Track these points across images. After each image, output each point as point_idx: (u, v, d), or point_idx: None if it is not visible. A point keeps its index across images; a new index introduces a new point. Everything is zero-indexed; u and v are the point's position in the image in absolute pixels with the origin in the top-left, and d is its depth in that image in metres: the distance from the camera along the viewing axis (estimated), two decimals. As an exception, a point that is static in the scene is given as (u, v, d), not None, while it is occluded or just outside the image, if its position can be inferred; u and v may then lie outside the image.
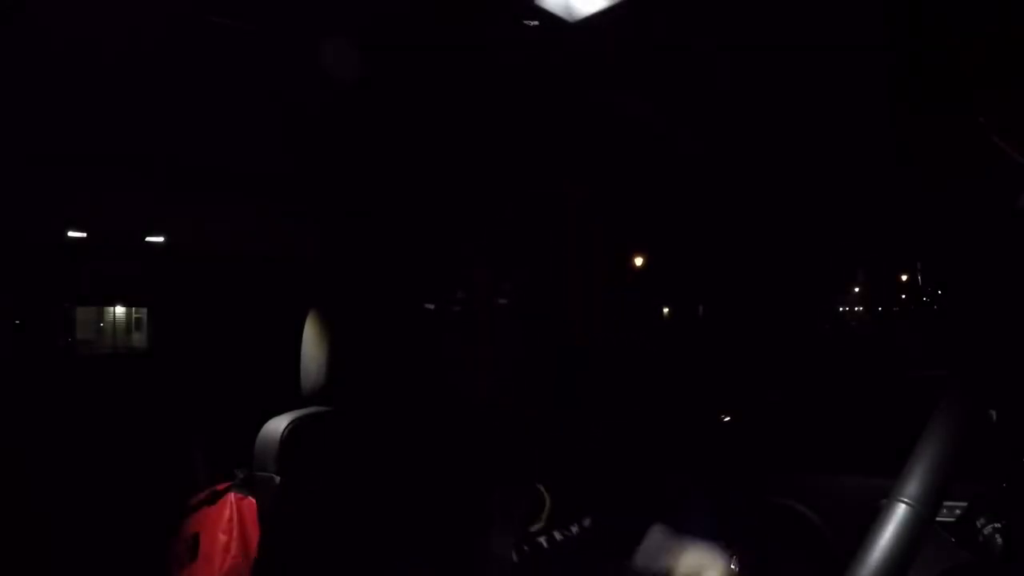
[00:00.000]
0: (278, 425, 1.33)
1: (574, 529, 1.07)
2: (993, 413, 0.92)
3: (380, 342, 1.48)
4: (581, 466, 1.15)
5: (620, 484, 1.19)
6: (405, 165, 1.60)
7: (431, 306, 1.49)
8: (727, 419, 2.23)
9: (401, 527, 1.08)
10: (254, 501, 1.57)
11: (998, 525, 0.88)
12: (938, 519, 0.65)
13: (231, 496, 1.68)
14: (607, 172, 1.68)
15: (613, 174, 1.70)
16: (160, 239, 1.95)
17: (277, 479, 1.28)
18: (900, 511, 0.60)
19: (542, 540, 1.04)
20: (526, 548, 1.01)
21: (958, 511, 0.95)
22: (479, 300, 1.19)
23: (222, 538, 1.63)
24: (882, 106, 1.29)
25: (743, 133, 1.44)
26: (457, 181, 1.71)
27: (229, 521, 1.64)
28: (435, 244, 1.92)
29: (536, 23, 0.95)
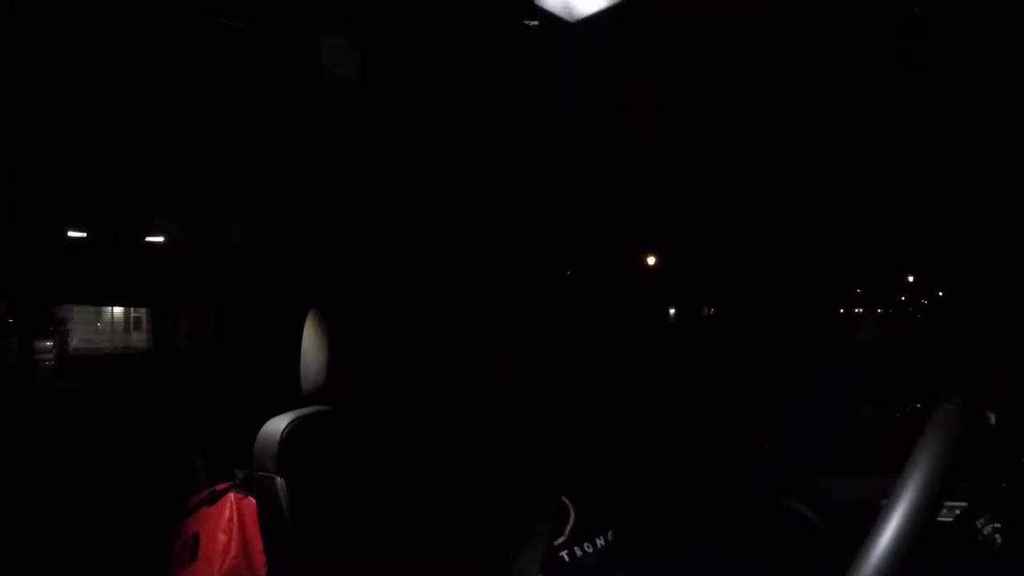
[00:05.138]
0: (278, 425, 1.33)
1: (599, 543, 1.04)
2: (992, 416, 0.92)
3: (381, 342, 1.48)
4: (605, 476, 1.13)
5: (643, 494, 1.16)
6: (405, 166, 1.60)
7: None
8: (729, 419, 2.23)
9: (408, 533, 1.07)
10: (254, 501, 1.57)
11: (998, 525, 0.88)
12: (938, 519, 0.65)
13: (231, 496, 1.68)
14: (608, 172, 1.68)
15: (614, 174, 1.69)
16: (160, 239, 1.95)
17: (277, 479, 1.28)
18: (948, 414, 0.65)
19: (564, 555, 1.01)
20: (550, 564, 0.98)
21: (958, 511, 0.95)
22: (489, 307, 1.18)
23: (222, 538, 1.63)
24: (884, 106, 1.29)
25: (744, 132, 1.44)
26: (457, 182, 1.71)
27: (229, 521, 1.64)
28: (435, 245, 1.92)
29: (536, 23, 0.95)
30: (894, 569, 0.60)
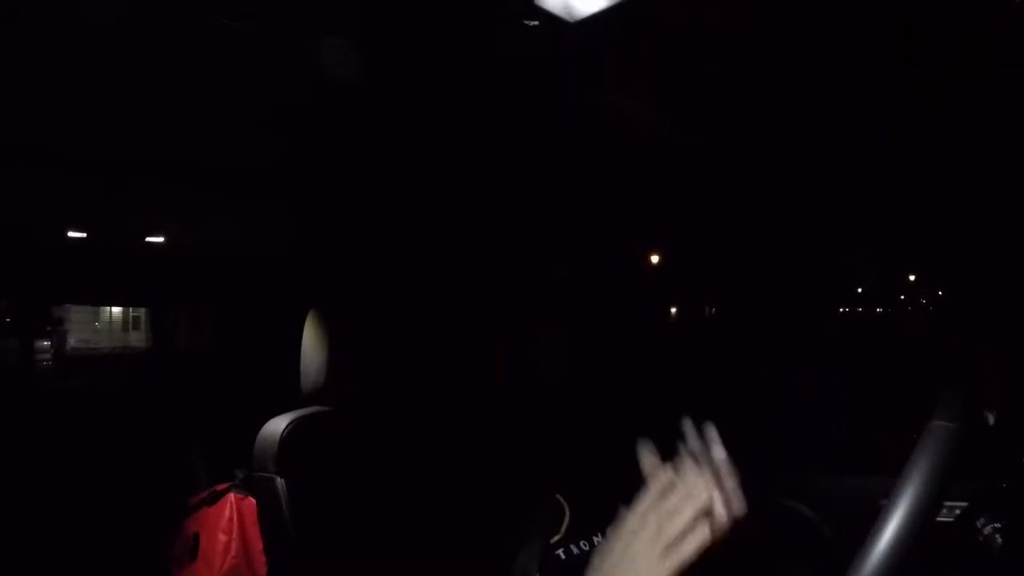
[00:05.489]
0: (278, 425, 1.33)
1: (596, 540, 1.04)
2: (990, 416, 0.92)
3: (381, 342, 1.48)
4: (601, 474, 1.13)
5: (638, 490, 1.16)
6: (405, 166, 1.60)
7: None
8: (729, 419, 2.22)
9: (408, 533, 1.07)
10: (254, 501, 1.57)
11: (998, 525, 0.89)
12: (938, 519, 0.65)
13: (231, 496, 1.68)
14: (608, 173, 1.68)
15: (614, 174, 1.70)
16: (160, 239, 1.95)
17: (277, 479, 1.28)
18: (940, 430, 0.64)
19: (560, 553, 1.01)
20: (547, 563, 0.99)
21: (958, 511, 0.95)
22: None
23: (222, 538, 1.63)
24: (884, 106, 1.29)
25: (744, 133, 1.44)
26: (457, 182, 1.71)
27: (229, 521, 1.64)
28: (435, 245, 1.92)
29: (536, 23, 0.95)
30: (894, 569, 0.60)
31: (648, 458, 0.76)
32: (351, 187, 1.70)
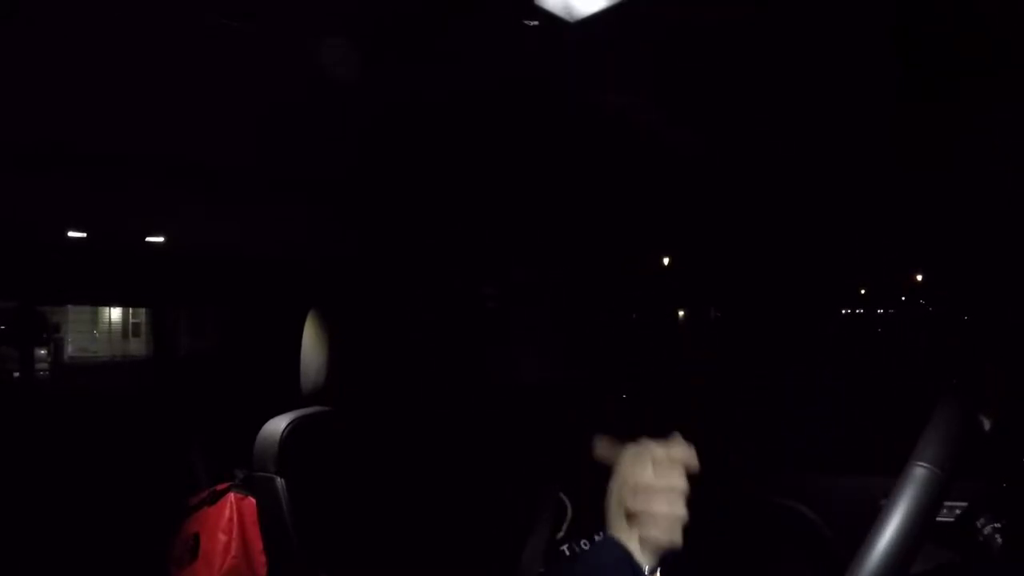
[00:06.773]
0: (278, 425, 1.33)
1: (597, 538, 1.05)
2: (986, 421, 0.92)
3: (381, 342, 1.48)
4: (603, 473, 1.13)
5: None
6: (405, 166, 1.60)
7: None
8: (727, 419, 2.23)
9: (408, 533, 1.08)
10: (254, 501, 1.57)
11: (998, 525, 0.89)
12: (938, 519, 0.65)
13: (231, 496, 1.68)
14: (609, 173, 1.68)
15: (615, 175, 1.70)
16: (160, 239, 1.95)
17: (277, 479, 1.28)
18: (919, 474, 0.63)
19: (564, 549, 1.03)
20: (551, 558, 1.01)
21: (958, 511, 0.95)
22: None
23: (222, 538, 1.63)
24: (884, 106, 1.29)
25: (745, 133, 1.44)
26: (457, 182, 1.71)
27: (229, 521, 1.64)
28: (435, 245, 1.92)
29: (536, 23, 0.95)
30: (918, 526, 0.60)
31: (603, 445, 0.79)
32: (351, 187, 1.70)
